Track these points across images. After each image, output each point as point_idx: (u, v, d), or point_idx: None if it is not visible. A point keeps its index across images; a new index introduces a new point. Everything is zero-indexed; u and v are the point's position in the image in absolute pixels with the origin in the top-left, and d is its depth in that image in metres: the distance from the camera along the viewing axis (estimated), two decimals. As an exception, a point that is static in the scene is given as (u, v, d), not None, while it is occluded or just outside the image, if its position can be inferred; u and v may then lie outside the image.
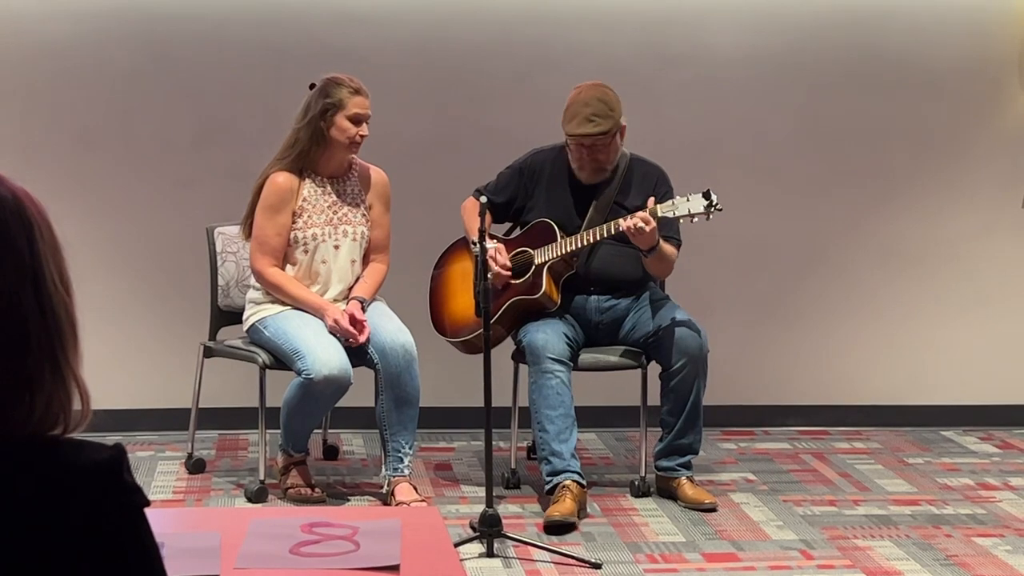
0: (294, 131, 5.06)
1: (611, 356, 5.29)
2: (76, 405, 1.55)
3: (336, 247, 5.12)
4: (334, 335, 4.97)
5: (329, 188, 5.12)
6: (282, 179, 5.05)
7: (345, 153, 5.07)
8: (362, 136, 5.03)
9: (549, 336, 5.10)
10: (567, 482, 4.95)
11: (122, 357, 5.98)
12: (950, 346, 6.43)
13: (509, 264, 5.20)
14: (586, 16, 6.10)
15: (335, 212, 5.11)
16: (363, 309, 5.05)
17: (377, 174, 5.23)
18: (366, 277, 5.18)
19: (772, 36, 6.19)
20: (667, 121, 6.10)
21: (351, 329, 4.97)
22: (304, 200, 5.08)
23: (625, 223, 4.97)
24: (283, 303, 5.09)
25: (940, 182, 6.35)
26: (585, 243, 5.15)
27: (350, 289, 5.15)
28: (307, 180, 5.09)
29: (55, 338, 1.53)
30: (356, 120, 5.01)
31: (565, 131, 5.12)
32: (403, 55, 6.05)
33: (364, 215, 5.17)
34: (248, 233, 5.12)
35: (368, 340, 5.00)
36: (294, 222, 5.08)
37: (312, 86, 5.05)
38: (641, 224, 4.93)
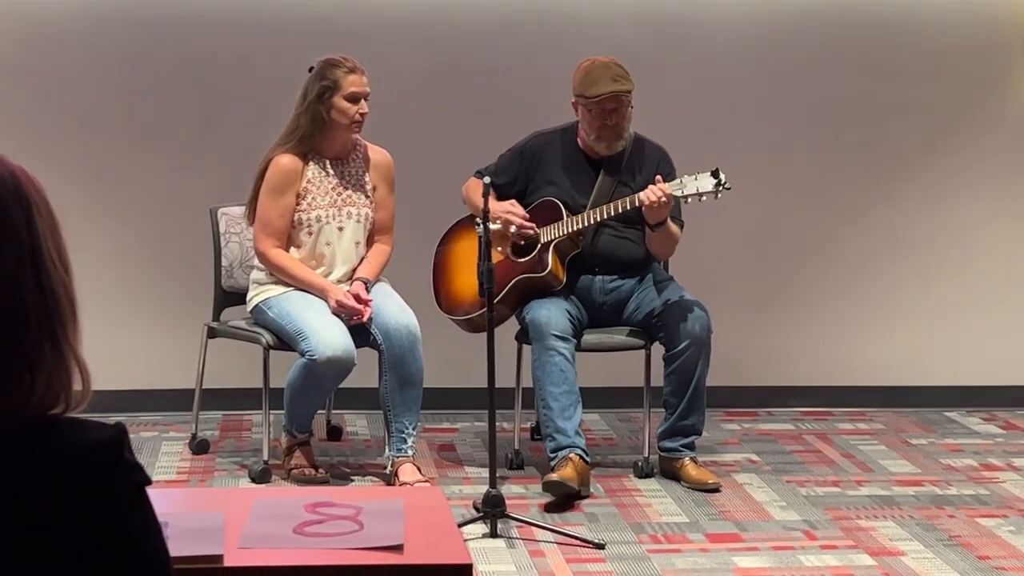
0: (295, 116, 5.05)
1: (615, 336, 5.29)
2: (77, 384, 1.55)
3: (340, 229, 5.11)
4: (338, 316, 4.97)
5: (333, 170, 5.11)
6: (286, 160, 5.04)
7: (347, 133, 5.07)
8: (362, 114, 5.02)
9: (552, 313, 5.10)
10: (571, 455, 4.96)
11: (126, 338, 5.99)
12: (954, 327, 6.42)
13: (526, 215, 5.18)
14: (590, -3, 6.10)
15: (339, 194, 5.10)
16: (367, 289, 5.05)
17: (381, 155, 5.22)
18: (370, 258, 5.18)
19: (777, 19, 6.17)
20: (671, 103, 6.08)
21: (356, 305, 4.96)
22: (308, 182, 5.07)
23: (643, 196, 4.97)
24: (287, 284, 5.09)
25: (945, 165, 6.34)
26: (591, 222, 5.15)
27: (354, 270, 5.15)
28: (311, 163, 5.09)
29: (54, 316, 1.53)
30: (354, 99, 4.99)
31: (589, 95, 5.09)
32: (404, 35, 6.04)
33: (368, 196, 5.16)
34: (252, 217, 5.12)
35: (372, 320, 5.00)
36: (298, 204, 5.07)
37: (311, 69, 5.04)
38: (662, 196, 4.93)
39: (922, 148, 6.33)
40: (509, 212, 5.16)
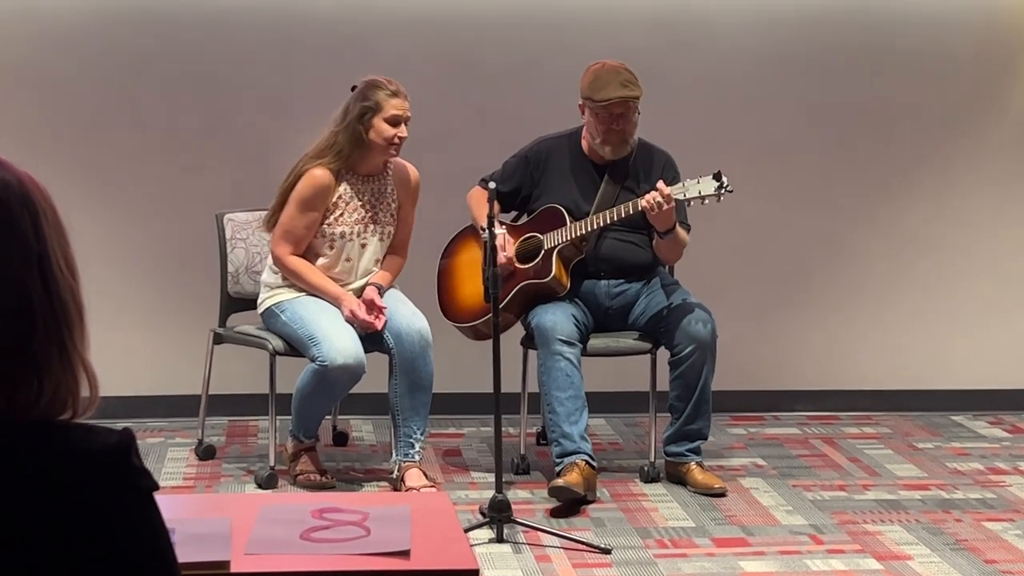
0: (332, 133, 5.03)
1: (620, 341, 5.29)
2: (84, 391, 1.55)
3: (363, 246, 5.12)
4: (350, 324, 4.98)
5: (365, 187, 5.11)
6: (320, 174, 5.02)
7: (383, 155, 5.07)
8: (401, 138, 5.02)
9: (558, 318, 5.11)
10: (577, 460, 4.96)
11: (132, 344, 5.99)
12: (959, 331, 6.41)
13: (513, 255, 5.20)
14: (596, 1, 6.09)
15: (367, 211, 5.10)
16: (380, 295, 5.06)
17: (411, 172, 5.22)
18: (384, 267, 5.18)
19: (781, 21, 6.17)
20: (677, 107, 6.08)
21: (368, 319, 4.98)
22: (339, 197, 5.06)
23: (644, 200, 4.97)
24: (299, 289, 5.09)
25: (951, 168, 6.33)
26: (595, 227, 5.15)
27: (369, 284, 5.16)
28: (344, 179, 5.08)
29: (62, 322, 1.53)
30: (394, 122, 4.99)
31: (596, 99, 5.09)
32: (412, 40, 6.04)
33: (393, 215, 5.17)
34: (272, 224, 5.10)
35: (384, 325, 5.01)
36: (325, 218, 5.07)
37: (353, 88, 5.04)
38: (660, 200, 4.93)
39: (929, 150, 6.32)
40: (499, 246, 5.03)
